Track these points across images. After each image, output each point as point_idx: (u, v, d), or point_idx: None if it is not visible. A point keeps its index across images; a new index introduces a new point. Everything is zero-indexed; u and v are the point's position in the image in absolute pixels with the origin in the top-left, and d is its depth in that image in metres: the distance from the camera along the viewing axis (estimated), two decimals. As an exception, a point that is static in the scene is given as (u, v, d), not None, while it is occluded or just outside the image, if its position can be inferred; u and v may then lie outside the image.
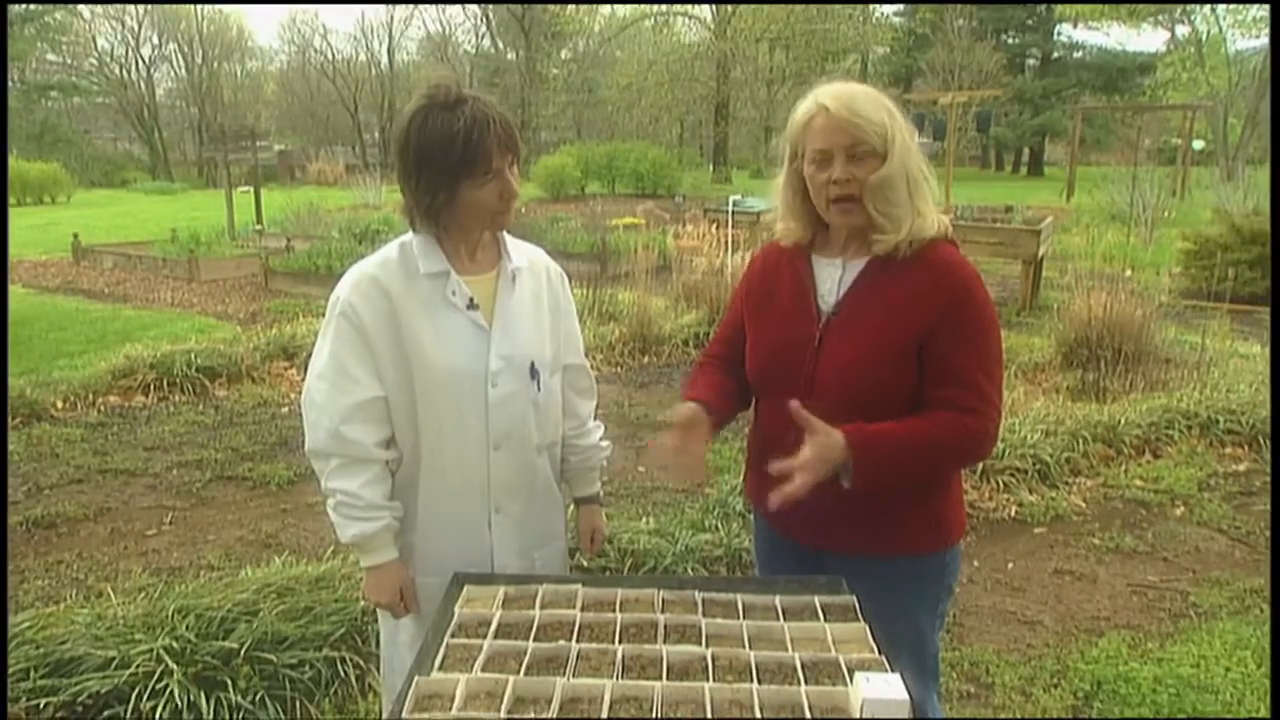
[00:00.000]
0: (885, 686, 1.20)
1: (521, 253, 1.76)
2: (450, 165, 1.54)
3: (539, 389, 1.71)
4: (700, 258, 8.16)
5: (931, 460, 1.56)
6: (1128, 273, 7.75)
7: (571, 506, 2.00)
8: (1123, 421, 4.76)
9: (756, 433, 1.77)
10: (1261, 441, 4.75)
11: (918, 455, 1.53)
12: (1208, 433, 4.82)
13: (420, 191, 1.58)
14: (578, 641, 1.39)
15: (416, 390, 1.63)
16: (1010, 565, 3.60)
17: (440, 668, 1.34)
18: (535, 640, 1.40)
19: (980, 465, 4.17)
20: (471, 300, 1.65)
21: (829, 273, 1.64)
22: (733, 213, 10.01)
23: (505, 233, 1.73)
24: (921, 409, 1.55)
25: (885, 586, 1.57)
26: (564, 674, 1.31)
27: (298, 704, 2.46)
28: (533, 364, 1.70)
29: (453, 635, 1.43)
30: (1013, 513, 4.03)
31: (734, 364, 1.77)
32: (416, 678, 1.30)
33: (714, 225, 9.63)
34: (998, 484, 4.16)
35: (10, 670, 2.35)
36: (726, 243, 8.48)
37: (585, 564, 2.88)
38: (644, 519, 3.58)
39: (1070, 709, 2.66)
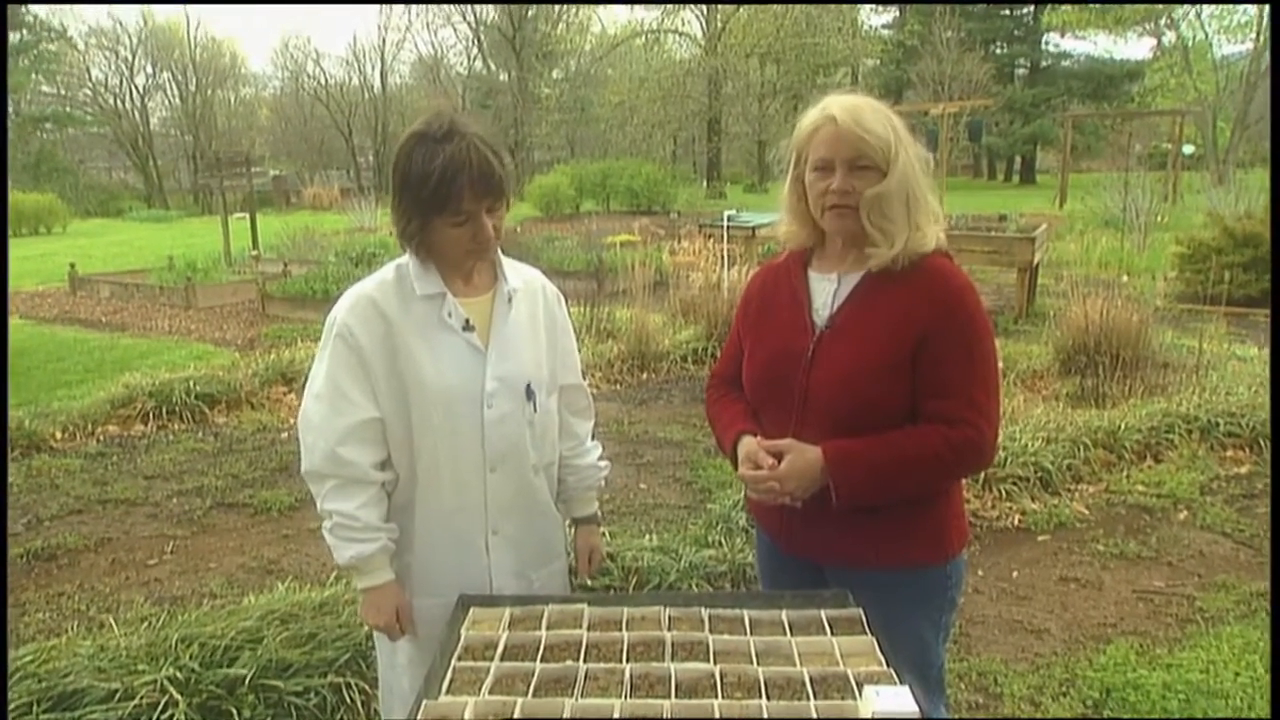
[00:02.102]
0: (895, 699, 1.20)
1: (518, 273, 1.77)
2: (422, 201, 1.56)
3: (535, 410, 1.72)
4: (697, 273, 8.19)
5: (920, 474, 1.56)
6: (1124, 278, 7.78)
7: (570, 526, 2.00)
8: (1123, 427, 4.76)
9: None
10: (1262, 444, 4.75)
11: (902, 470, 1.54)
12: (1208, 436, 4.82)
13: (398, 217, 1.63)
14: (585, 661, 1.39)
15: (412, 412, 1.64)
16: (1015, 574, 3.59)
17: (448, 691, 1.34)
18: (542, 661, 1.40)
19: (982, 474, 4.17)
20: (467, 322, 1.66)
21: (824, 286, 1.66)
22: (728, 227, 10.05)
23: (501, 254, 1.74)
24: (915, 421, 1.56)
25: (887, 600, 1.57)
26: (572, 694, 1.31)
27: (304, 731, 2.45)
28: (529, 385, 1.70)
29: (459, 658, 1.43)
30: (1016, 521, 4.02)
31: (741, 383, 1.79)
32: (425, 701, 1.30)
33: (709, 240, 9.67)
34: (1000, 492, 4.15)
35: (13, 705, 2.33)
36: (722, 257, 8.51)
37: (589, 583, 2.87)
38: (647, 536, 3.57)
39: (1080, 717, 2.65)
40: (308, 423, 1.66)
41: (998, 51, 39.04)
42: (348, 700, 2.52)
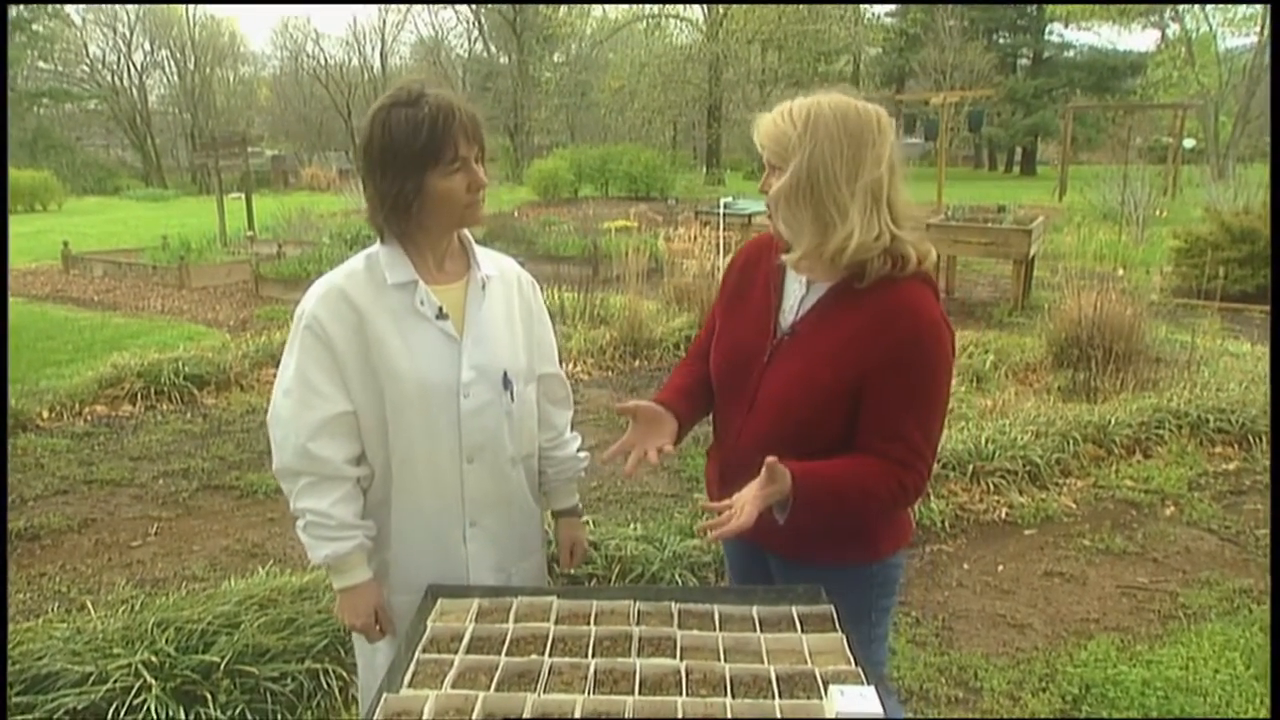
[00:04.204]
0: (859, 700, 1.19)
1: (492, 261, 1.73)
2: (415, 155, 1.50)
3: (513, 399, 1.69)
4: (691, 260, 8.15)
5: (858, 507, 1.53)
6: (1120, 272, 7.76)
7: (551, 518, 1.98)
8: (1113, 421, 4.75)
9: (714, 433, 1.78)
10: (1251, 440, 4.74)
11: (848, 502, 1.50)
12: (1197, 432, 4.81)
13: (387, 185, 1.53)
14: (550, 655, 1.37)
15: (386, 404, 1.60)
16: (1000, 568, 3.59)
17: (410, 684, 1.33)
18: (507, 655, 1.38)
19: (970, 467, 4.17)
20: (441, 310, 1.62)
21: (794, 289, 1.62)
22: (724, 215, 10.01)
23: (474, 242, 1.71)
24: (854, 450, 1.52)
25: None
26: (535, 689, 1.29)
27: (279, 717, 2.44)
28: (506, 374, 1.67)
29: (424, 650, 1.41)
30: (1003, 515, 4.01)
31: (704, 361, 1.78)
32: (385, 695, 1.28)
33: (705, 227, 9.64)
34: (988, 486, 4.15)
35: (-13, 686, 2.32)
36: (718, 245, 8.47)
37: (572, 570, 2.86)
38: (632, 525, 3.56)
39: (1058, 713, 2.65)
40: (277, 418, 1.61)
41: (1000, 41, 38.88)
42: (325, 686, 2.52)
